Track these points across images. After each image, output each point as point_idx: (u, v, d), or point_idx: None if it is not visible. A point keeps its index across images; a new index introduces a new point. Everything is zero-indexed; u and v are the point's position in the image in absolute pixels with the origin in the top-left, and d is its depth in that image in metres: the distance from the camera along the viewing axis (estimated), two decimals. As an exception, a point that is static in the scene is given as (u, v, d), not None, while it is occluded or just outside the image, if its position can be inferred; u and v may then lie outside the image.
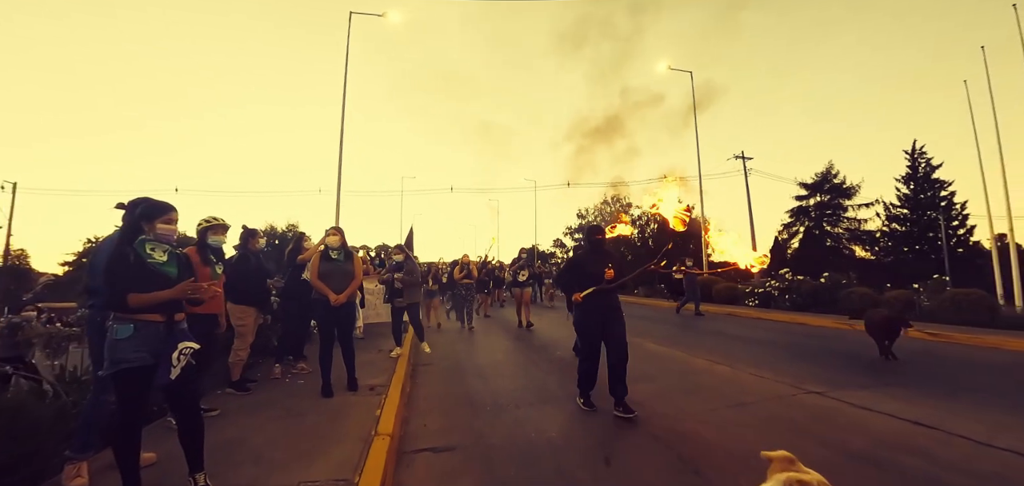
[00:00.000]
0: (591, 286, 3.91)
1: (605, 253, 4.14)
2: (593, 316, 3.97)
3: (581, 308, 3.99)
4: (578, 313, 4.07)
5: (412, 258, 7.18)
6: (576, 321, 4.13)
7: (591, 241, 4.22)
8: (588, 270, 3.99)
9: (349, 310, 4.59)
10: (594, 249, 4.15)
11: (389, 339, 6.85)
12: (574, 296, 3.97)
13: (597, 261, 4.01)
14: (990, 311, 8.94)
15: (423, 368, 6.12)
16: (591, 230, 4.31)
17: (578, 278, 4.03)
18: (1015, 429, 3.34)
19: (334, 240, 4.56)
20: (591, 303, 3.93)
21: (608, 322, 3.94)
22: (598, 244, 4.16)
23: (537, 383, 5.13)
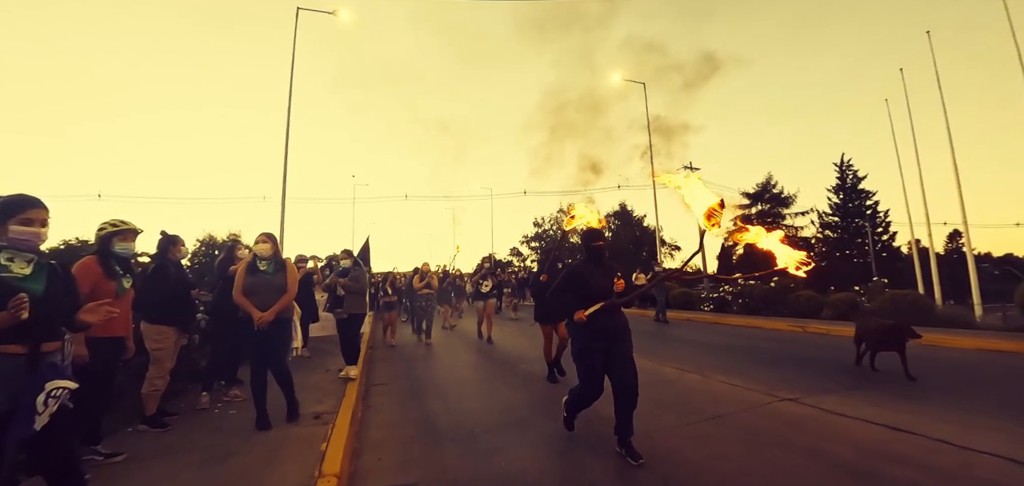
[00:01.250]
0: (595, 303, 3.19)
1: (608, 263, 3.46)
2: (599, 340, 3.22)
3: (584, 331, 3.22)
4: (580, 337, 3.27)
5: (360, 265, 6.54)
6: (578, 348, 3.29)
7: (590, 248, 3.45)
8: (591, 284, 3.26)
9: (281, 330, 3.88)
10: (594, 258, 3.42)
11: (339, 357, 6.22)
12: (577, 316, 3.20)
13: (601, 272, 3.34)
14: (927, 310, 9.47)
15: (377, 389, 5.57)
16: (589, 236, 3.52)
17: (578, 295, 3.28)
18: (989, 431, 3.32)
19: (264, 248, 3.89)
20: (597, 324, 3.20)
21: (615, 347, 3.21)
22: (598, 252, 3.44)
23: (504, 403, 4.73)
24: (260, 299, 3.73)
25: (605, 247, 3.49)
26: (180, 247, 4.36)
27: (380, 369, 6.82)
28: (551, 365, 5.53)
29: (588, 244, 3.51)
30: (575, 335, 3.32)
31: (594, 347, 3.22)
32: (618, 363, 3.18)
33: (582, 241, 3.62)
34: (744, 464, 2.98)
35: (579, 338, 3.29)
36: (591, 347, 3.23)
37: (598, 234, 3.54)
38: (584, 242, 3.58)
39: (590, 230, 3.61)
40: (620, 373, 3.16)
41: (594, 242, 3.48)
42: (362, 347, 8.02)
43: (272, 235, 4.00)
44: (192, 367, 5.22)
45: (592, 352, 3.22)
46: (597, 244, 3.46)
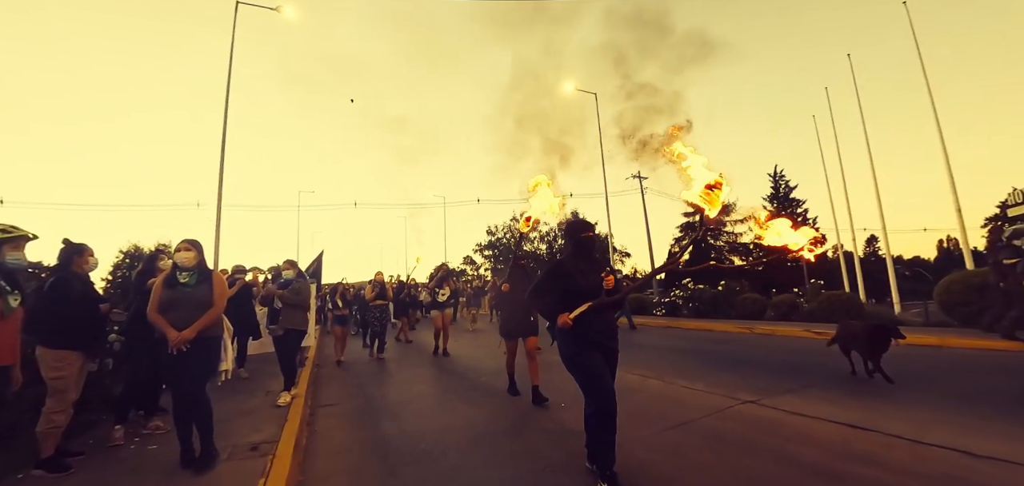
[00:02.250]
0: (584, 302, 2.79)
1: (596, 259, 3.07)
2: (596, 344, 2.80)
3: (575, 335, 2.79)
4: (570, 343, 2.82)
5: (304, 277, 5.99)
6: (570, 355, 2.83)
7: (577, 241, 3.00)
8: (578, 281, 2.85)
9: (202, 351, 3.27)
10: (581, 251, 2.99)
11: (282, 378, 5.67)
12: (561, 319, 2.76)
13: (589, 268, 2.94)
14: (858, 309, 10.13)
15: (325, 411, 5.11)
16: (576, 226, 3.07)
17: (564, 294, 2.85)
18: (936, 423, 3.44)
19: (186, 257, 3.36)
20: (588, 325, 2.78)
21: (609, 353, 2.87)
22: (586, 245, 3.00)
23: (464, 420, 4.45)
24: (179, 315, 3.20)
25: (595, 239, 3.14)
26: (87, 258, 3.76)
27: (327, 389, 6.32)
28: (511, 377, 5.24)
29: (576, 236, 3.03)
30: (563, 341, 2.86)
31: (591, 352, 2.78)
32: (611, 363, 2.87)
33: (567, 233, 3.13)
34: (717, 474, 2.90)
35: (569, 343, 2.83)
36: (590, 353, 2.78)
37: (586, 224, 3.09)
38: (570, 234, 3.09)
39: (577, 220, 3.18)
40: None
41: (582, 233, 3.01)
42: (308, 365, 7.47)
43: (196, 242, 3.48)
44: (104, 396, 4.56)
45: (592, 359, 2.76)
46: (585, 235, 3.01)
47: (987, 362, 5.62)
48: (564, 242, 3.14)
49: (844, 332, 5.32)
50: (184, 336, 3.13)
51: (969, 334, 7.18)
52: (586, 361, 2.77)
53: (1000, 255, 6.20)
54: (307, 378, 6.48)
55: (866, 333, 4.90)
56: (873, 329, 4.89)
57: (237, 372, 6.62)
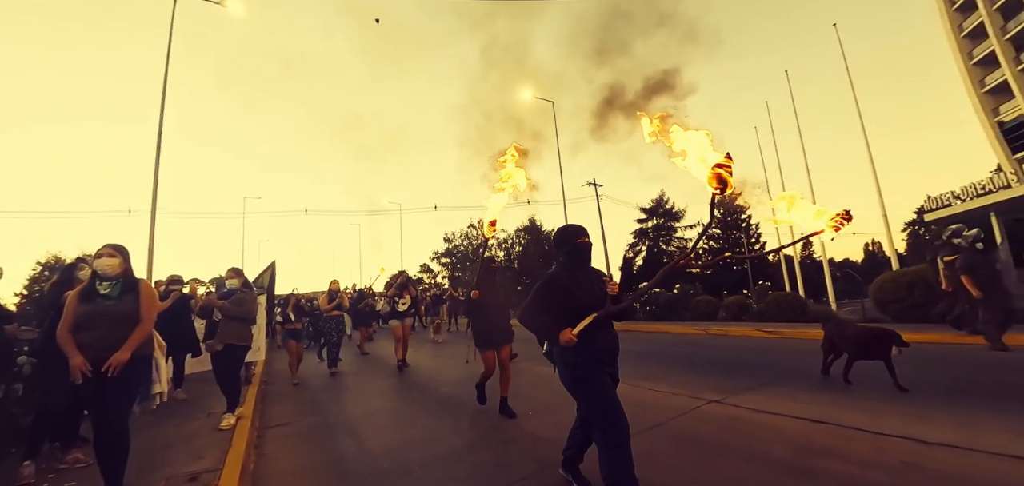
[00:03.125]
0: (586, 316, 2.45)
1: (593, 268, 2.74)
2: (601, 361, 2.49)
3: (578, 353, 2.44)
4: (574, 363, 2.46)
5: (250, 288, 5.51)
6: (575, 377, 2.47)
7: (572, 248, 2.65)
8: (576, 295, 2.51)
9: (127, 372, 2.79)
10: (577, 261, 2.66)
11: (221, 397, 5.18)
12: (563, 336, 2.42)
13: (587, 279, 2.62)
14: (801, 308, 10.70)
15: (274, 432, 4.71)
16: (569, 233, 2.71)
17: (562, 312, 2.50)
18: (890, 414, 3.60)
19: (108, 264, 2.93)
20: (592, 340, 2.45)
21: (614, 370, 2.61)
22: (583, 253, 2.66)
23: (426, 434, 4.23)
24: (97, 333, 2.77)
25: (591, 246, 2.68)
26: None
27: (278, 408, 5.87)
28: (481, 388, 4.77)
29: (571, 243, 2.65)
30: (566, 361, 2.50)
31: (599, 371, 2.45)
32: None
33: (559, 242, 2.75)
34: (694, 476, 2.87)
35: (573, 365, 2.46)
36: (597, 372, 2.44)
37: (579, 230, 2.70)
38: (563, 243, 2.71)
39: (569, 227, 2.76)
40: None
41: (578, 239, 2.64)
42: (254, 382, 6.95)
43: (121, 247, 3.05)
44: (12, 427, 3.98)
45: (600, 377, 2.44)
46: (581, 242, 2.64)
47: (922, 354, 6.01)
48: (557, 253, 2.75)
49: (835, 333, 4.96)
50: (116, 360, 2.71)
51: (903, 328, 7.70)
52: (595, 382, 2.41)
53: (940, 252, 6.67)
54: (254, 397, 6.00)
55: (857, 336, 4.60)
56: (869, 333, 4.56)
57: (173, 393, 6.04)
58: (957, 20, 35.17)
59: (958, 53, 34.86)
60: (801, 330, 8.80)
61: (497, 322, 4.56)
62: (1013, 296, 6.03)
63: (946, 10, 35.80)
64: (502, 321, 4.60)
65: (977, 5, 33.02)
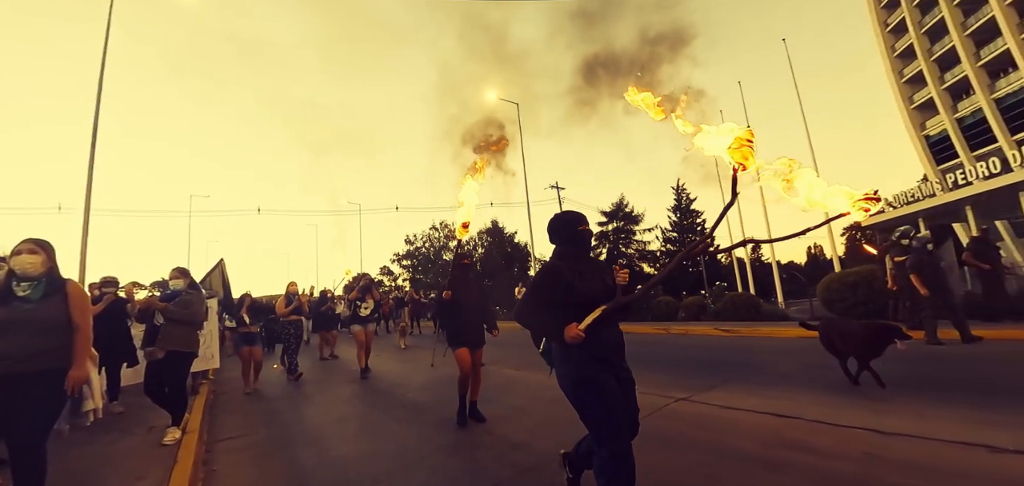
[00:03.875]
0: (590, 309, 2.17)
1: (593, 259, 2.46)
2: (605, 360, 2.21)
3: (581, 352, 2.16)
4: (576, 363, 2.18)
5: (198, 289, 5.08)
6: (576, 378, 2.17)
7: (573, 237, 2.39)
8: (577, 288, 2.23)
9: (44, 388, 2.48)
10: (579, 248, 2.39)
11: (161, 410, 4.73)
12: (568, 331, 2.10)
13: (590, 269, 2.35)
14: (755, 307, 11.17)
15: (225, 446, 4.37)
16: (569, 220, 2.44)
17: (563, 308, 2.20)
18: (848, 407, 3.75)
19: (28, 262, 2.56)
20: (596, 337, 2.16)
21: (622, 370, 2.30)
22: (584, 242, 2.41)
23: (394, 442, 4.04)
24: (16, 343, 2.40)
25: (591, 235, 2.44)
26: None
27: (229, 420, 5.47)
28: (463, 399, 4.32)
29: (571, 231, 2.39)
30: (566, 362, 2.21)
31: (602, 372, 2.17)
32: (627, 392, 2.24)
33: (557, 229, 2.45)
34: (669, 475, 2.86)
35: (574, 364, 2.18)
36: (599, 373, 2.16)
37: (579, 217, 2.43)
38: (561, 230, 2.43)
39: (568, 214, 2.48)
40: (631, 407, 2.26)
41: (579, 226, 2.39)
42: (202, 393, 6.48)
43: (45, 243, 2.68)
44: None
45: (606, 381, 2.15)
46: (582, 229, 2.39)
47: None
48: (554, 241, 2.45)
49: (832, 330, 4.78)
50: (73, 379, 2.39)
51: (848, 325, 8.17)
52: (598, 386, 2.12)
53: (891, 252, 7.08)
54: (201, 408, 5.58)
55: (864, 333, 4.38)
56: (874, 329, 4.35)
57: (109, 407, 5.51)
58: (891, 41, 38.21)
59: (891, 72, 37.87)
60: (756, 328, 9.18)
61: (471, 322, 4.36)
62: (956, 294, 6.46)
63: (881, 31, 38.78)
64: (476, 321, 4.41)
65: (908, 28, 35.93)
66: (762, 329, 9.10)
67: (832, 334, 4.73)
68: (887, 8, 38.30)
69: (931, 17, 34.15)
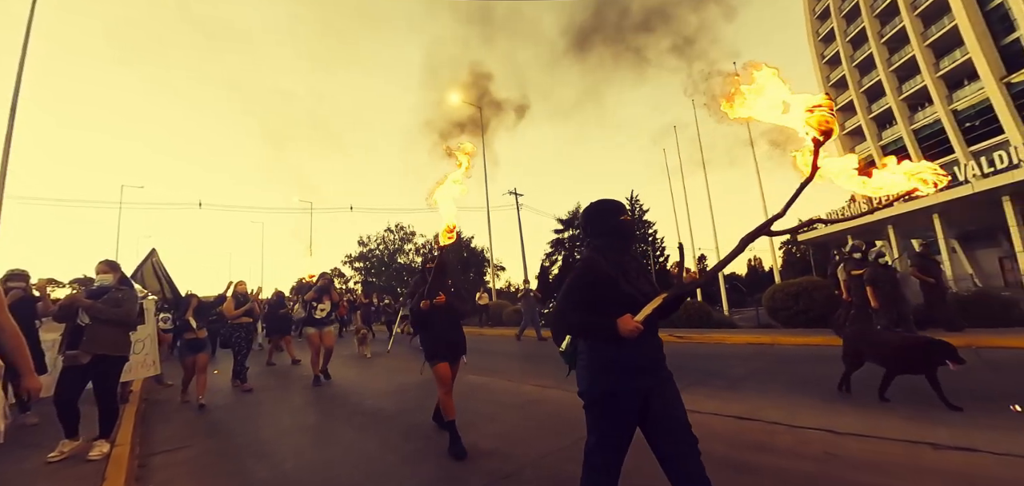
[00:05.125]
0: (633, 310, 1.84)
1: (634, 256, 2.15)
2: (643, 370, 1.89)
3: (613, 361, 1.86)
4: (604, 368, 1.88)
5: (130, 286, 4.60)
6: (598, 392, 1.88)
7: (614, 228, 2.06)
8: (623, 287, 1.92)
9: None
10: (620, 243, 2.05)
11: (93, 420, 4.24)
12: (624, 323, 1.79)
13: (634, 267, 2.05)
14: (706, 315, 11.64)
15: (163, 459, 3.98)
16: (608, 209, 2.10)
17: (605, 307, 1.87)
18: (801, 409, 3.93)
19: None
20: (636, 343, 1.84)
21: (656, 386, 1.90)
22: (626, 234, 2.07)
23: (354, 451, 3.83)
24: None
25: (633, 227, 2.13)
26: None
27: (167, 430, 5.00)
28: (452, 426, 3.60)
29: (612, 221, 2.06)
30: (591, 366, 1.91)
31: (626, 389, 1.84)
32: (661, 415, 1.88)
33: (594, 218, 2.10)
34: (641, 477, 2.86)
35: (600, 370, 1.88)
36: (622, 390, 1.84)
37: (619, 205, 2.10)
38: (598, 220, 2.09)
39: (606, 201, 2.13)
40: (667, 428, 1.88)
41: (620, 216, 2.06)
42: (133, 400, 5.92)
43: None
44: None
45: (628, 402, 1.84)
46: (623, 219, 2.06)
47: (812, 355, 6.77)
48: (588, 234, 2.12)
49: (866, 345, 4.27)
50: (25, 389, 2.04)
51: (792, 333, 8.66)
52: (616, 411, 1.86)
53: (846, 266, 7.55)
54: (133, 417, 5.08)
55: (908, 351, 3.86)
56: (919, 345, 3.83)
57: (20, 419, 4.88)
58: (826, 72, 41.61)
59: (824, 99, 41.19)
60: (707, 335, 9.55)
61: (451, 332, 3.89)
62: (909, 306, 6.93)
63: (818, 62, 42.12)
64: (456, 331, 3.95)
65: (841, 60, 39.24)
66: (713, 336, 9.48)
67: (860, 343, 4.32)
68: (824, 41, 41.75)
69: (861, 52, 37.56)
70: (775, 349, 7.66)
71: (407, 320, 13.63)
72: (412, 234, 47.19)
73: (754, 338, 8.64)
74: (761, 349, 7.76)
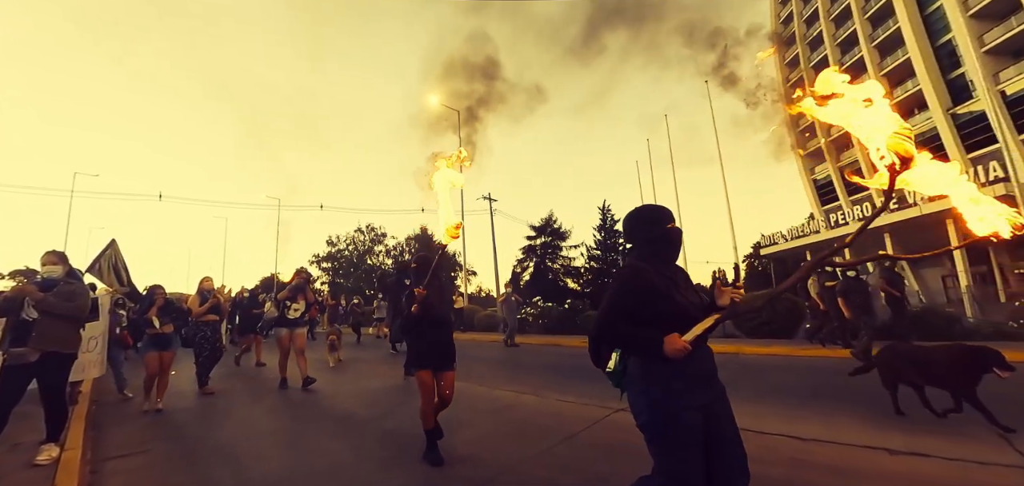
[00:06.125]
0: (683, 325, 1.72)
1: (678, 266, 1.96)
2: (696, 386, 1.74)
3: (673, 376, 1.71)
4: (663, 388, 1.72)
5: (78, 278, 4.31)
6: (663, 414, 1.70)
7: (661, 235, 1.91)
8: (670, 297, 1.78)
9: None
10: (669, 252, 1.92)
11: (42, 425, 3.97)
12: (671, 343, 1.66)
13: (683, 279, 1.92)
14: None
15: (118, 464, 3.76)
16: (657, 214, 1.96)
17: (651, 315, 1.76)
18: (767, 416, 4.08)
19: None
20: (690, 360, 1.70)
21: (713, 402, 1.76)
22: (674, 240, 1.93)
23: (325, 457, 3.72)
24: None
25: (681, 235, 1.95)
26: None
27: (122, 432, 4.73)
28: (430, 435, 3.48)
29: (659, 227, 1.91)
30: (648, 386, 1.75)
31: (690, 409, 1.68)
32: (722, 421, 1.75)
33: (638, 224, 1.97)
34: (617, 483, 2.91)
35: (659, 390, 1.72)
36: (686, 410, 1.68)
37: (667, 213, 1.96)
38: (641, 225, 1.96)
39: (653, 207, 2.02)
40: (728, 457, 1.73)
41: (667, 224, 1.91)
42: (83, 401, 5.59)
43: None
44: None
45: (692, 422, 1.68)
46: (671, 228, 1.91)
47: (775, 364, 7.05)
48: (635, 241, 1.99)
49: (899, 359, 3.94)
50: None
51: (756, 343, 8.97)
52: (687, 429, 1.67)
53: (821, 278, 7.85)
54: (83, 420, 4.79)
55: (951, 360, 3.56)
56: (965, 354, 3.50)
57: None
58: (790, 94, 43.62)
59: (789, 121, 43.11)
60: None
61: (441, 338, 3.60)
62: (878, 318, 7.23)
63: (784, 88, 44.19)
64: (446, 337, 3.64)
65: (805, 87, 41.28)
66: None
67: (899, 364, 3.91)
68: (790, 65, 43.81)
69: (821, 78, 39.56)
70: (740, 358, 7.91)
71: (382, 322, 13.35)
72: (383, 235, 46.52)
73: (719, 347, 8.89)
74: (726, 358, 7.99)
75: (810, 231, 27.54)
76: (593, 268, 41.16)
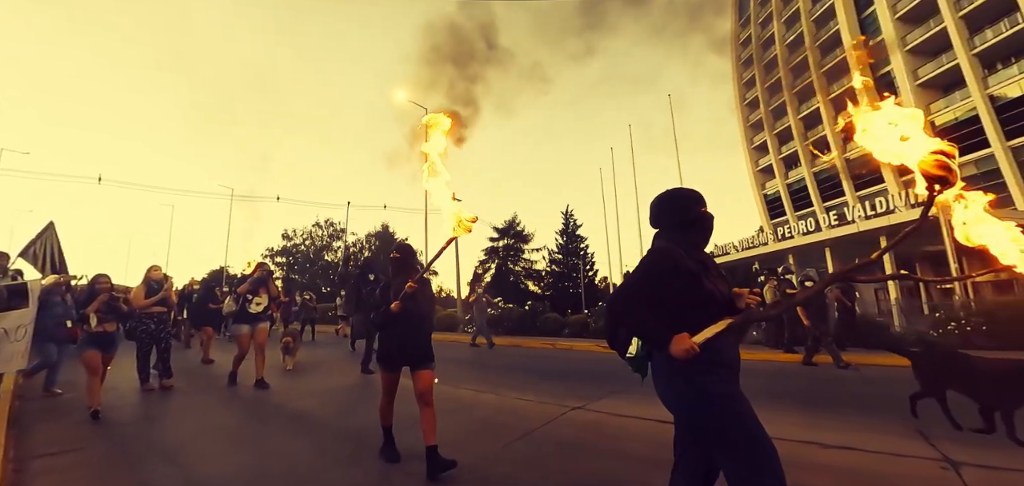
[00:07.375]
0: (713, 314, 1.70)
1: (708, 253, 1.93)
2: (735, 374, 1.75)
3: (714, 364, 1.67)
4: (705, 373, 1.65)
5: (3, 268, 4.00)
6: (710, 394, 1.64)
7: (695, 218, 1.86)
8: (705, 284, 1.73)
9: None
10: (700, 237, 1.88)
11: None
12: (678, 342, 1.60)
13: (714, 266, 1.88)
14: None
15: (48, 463, 3.49)
16: (688, 197, 1.91)
17: (678, 302, 1.72)
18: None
19: None
20: (718, 352, 1.67)
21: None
22: (706, 225, 1.89)
23: (278, 455, 3.61)
24: None
25: (713, 221, 1.90)
26: None
27: (47, 431, 4.40)
28: (388, 431, 3.37)
29: (692, 210, 1.86)
30: (691, 375, 1.65)
31: (739, 394, 1.67)
32: None
33: (666, 209, 1.91)
34: (576, 477, 3.00)
35: (703, 376, 1.65)
36: (737, 397, 1.65)
37: (699, 197, 1.89)
38: (673, 208, 1.90)
39: (685, 190, 1.93)
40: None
41: (699, 208, 1.86)
42: (5, 397, 5.16)
43: None
44: None
45: (745, 407, 1.64)
46: (704, 211, 1.87)
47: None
48: (663, 225, 1.91)
49: (940, 365, 3.65)
50: None
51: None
52: (744, 406, 1.63)
53: (782, 286, 8.26)
54: (5, 416, 4.43)
55: (1001, 374, 3.22)
56: (1016, 371, 3.13)
57: None
58: (746, 113, 45.85)
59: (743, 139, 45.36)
60: (634, 347, 10.13)
61: (414, 333, 3.28)
62: (831, 326, 7.67)
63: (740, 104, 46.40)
64: (421, 334, 3.32)
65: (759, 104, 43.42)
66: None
67: (940, 370, 3.61)
68: (746, 85, 46.03)
69: (777, 98, 41.82)
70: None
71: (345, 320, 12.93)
72: (342, 231, 45.32)
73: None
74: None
75: (757, 243, 29.02)
76: (554, 271, 41.69)
